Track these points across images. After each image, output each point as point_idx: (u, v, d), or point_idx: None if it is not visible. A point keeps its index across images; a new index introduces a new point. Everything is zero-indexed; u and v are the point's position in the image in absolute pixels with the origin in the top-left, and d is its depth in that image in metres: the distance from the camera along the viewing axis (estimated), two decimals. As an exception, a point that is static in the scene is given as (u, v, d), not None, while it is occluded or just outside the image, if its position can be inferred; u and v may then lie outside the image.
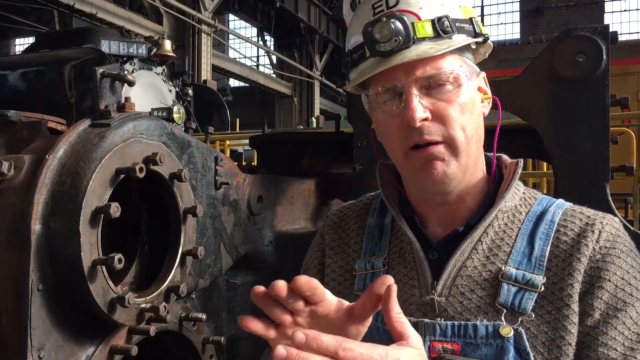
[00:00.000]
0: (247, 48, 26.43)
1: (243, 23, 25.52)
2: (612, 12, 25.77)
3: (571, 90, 2.08)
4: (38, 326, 1.36)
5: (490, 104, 1.32)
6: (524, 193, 1.32)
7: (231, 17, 25.05)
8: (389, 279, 1.02)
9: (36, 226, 1.37)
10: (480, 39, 1.25)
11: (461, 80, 1.20)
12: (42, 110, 1.74)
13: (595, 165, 2.06)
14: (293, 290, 1.04)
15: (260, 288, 1.07)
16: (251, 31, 26.04)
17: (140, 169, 1.48)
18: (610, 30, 2.07)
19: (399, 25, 1.17)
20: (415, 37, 1.17)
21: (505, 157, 1.36)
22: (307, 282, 1.03)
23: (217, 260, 1.98)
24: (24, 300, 1.35)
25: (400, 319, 0.98)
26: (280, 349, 0.87)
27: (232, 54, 22.74)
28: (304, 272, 1.47)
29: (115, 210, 1.40)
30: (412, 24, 1.17)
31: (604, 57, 2.04)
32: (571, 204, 1.30)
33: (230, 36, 22.70)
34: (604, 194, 2.04)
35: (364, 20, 1.23)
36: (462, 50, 1.24)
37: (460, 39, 1.21)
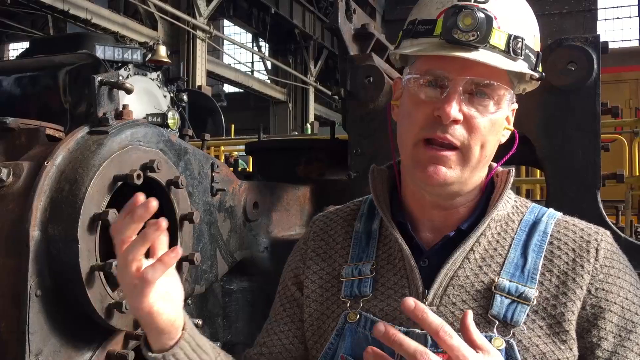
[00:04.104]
0: (242, 54, 26.46)
1: (238, 29, 25.53)
2: (605, 19, 25.97)
3: (562, 99, 2.11)
4: (36, 331, 1.37)
5: (508, 136, 1.32)
6: (515, 201, 1.32)
7: (226, 23, 25.07)
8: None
9: (35, 232, 1.39)
10: (536, 75, 1.25)
11: (503, 103, 1.21)
12: (37, 116, 1.75)
13: (586, 172, 2.09)
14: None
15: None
16: (246, 37, 26.08)
17: (138, 176, 1.50)
18: (601, 40, 2.11)
19: (484, 23, 1.15)
20: (489, 42, 1.16)
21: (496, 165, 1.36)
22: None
23: (213, 266, 2.00)
24: (22, 306, 1.36)
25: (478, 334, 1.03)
26: (380, 326, 0.98)
27: (226, 59, 22.77)
28: (282, 281, 1.46)
29: (113, 216, 1.42)
30: (493, 28, 1.16)
31: (595, 66, 2.08)
32: (562, 214, 1.30)
33: (225, 42, 22.70)
34: (595, 201, 2.07)
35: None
36: (516, 76, 1.25)
37: (522, 66, 1.21)
